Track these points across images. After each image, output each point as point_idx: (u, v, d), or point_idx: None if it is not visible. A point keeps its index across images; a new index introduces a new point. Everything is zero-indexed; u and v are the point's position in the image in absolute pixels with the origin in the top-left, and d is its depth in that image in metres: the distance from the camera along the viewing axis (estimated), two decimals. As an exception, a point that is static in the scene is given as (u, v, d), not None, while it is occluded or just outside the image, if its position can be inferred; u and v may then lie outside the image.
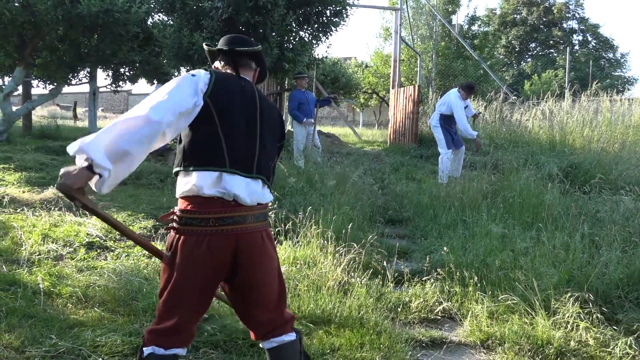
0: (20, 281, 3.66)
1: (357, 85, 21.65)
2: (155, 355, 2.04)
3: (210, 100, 2.01)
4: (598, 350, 3.02)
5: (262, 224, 2.12)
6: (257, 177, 2.09)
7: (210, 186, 1.99)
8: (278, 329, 2.19)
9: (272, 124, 2.22)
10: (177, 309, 2.05)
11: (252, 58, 2.28)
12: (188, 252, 2.00)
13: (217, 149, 2.01)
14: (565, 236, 4.16)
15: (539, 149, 9.33)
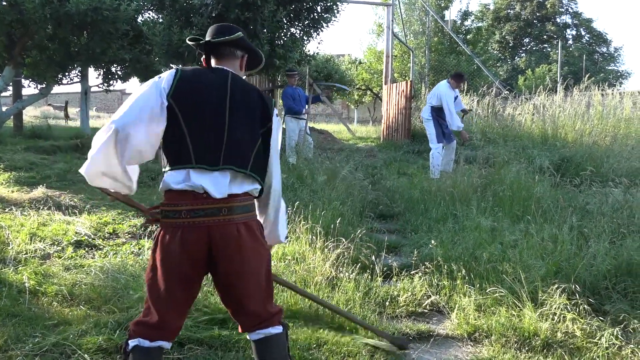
0: (5, 280, 3.64)
1: (351, 81, 21.60)
2: (140, 347, 2.05)
3: (173, 100, 2.03)
4: (585, 341, 3.01)
5: (239, 217, 2.07)
6: (225, 169, 2.05)
7: (178, 182, 2.02)
8: (265, 321, 2.17)
9: (250, 111, 2.15)
10: (159, 302, 2.06)
11: (235, 46, 2.25)
12: (165, 245, 2.02)
13: (183, 147, 2.03)
14: (553, 228, 4.15)
15: (531, 143, 9.34)
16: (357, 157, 9.12)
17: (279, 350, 2.20)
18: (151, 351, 2.06)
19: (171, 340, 2.13)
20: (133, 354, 2.05)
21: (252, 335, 2.19)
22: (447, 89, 7.95)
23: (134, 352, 2.05)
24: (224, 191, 2.04)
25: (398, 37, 15.36)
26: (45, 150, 9.43)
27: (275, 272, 3.80)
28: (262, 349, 2.19)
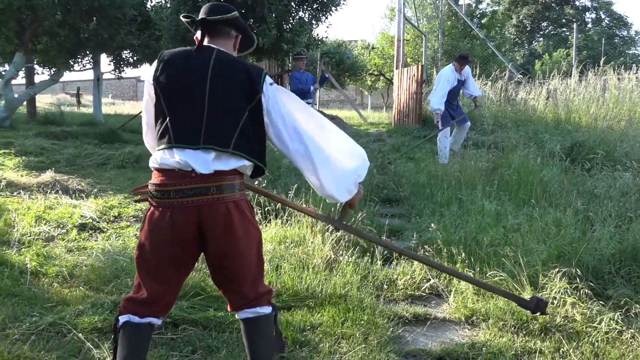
0: (8, 261, 3.68)
1: (363, 67, 21.40)
2: (130, 323, 2.07)
3: (156, 82, 2.06)
4: (585, 325, 2.96)
5: (229, 195, 2.04)
6: (206, 148, 2.01)
7: (166, 160, 2.01)
8: (253, 301, 2.17)
9: (232, 88, 2.09)
10: (148, 279, 2.06)
11: (230, 26, 2.22)
12: (154, 224, 2.02)
13: (165, 127, 2.04)
14: (558, 212, 4.08)
15: (544, 128, 9.18)
16: (366, 142, 9.05)
17: (267, 330, 2.21)
18: (141, 327, 2.07)
19: (161, 316, 2.14)
20: (123, 330, 2.06)
21: (240, 314, 2.19)
22: (448, 71, 7.80)
23: (124, 327, 2.06)
24: (209, 167, 2.01)
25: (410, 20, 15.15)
26: (56, 135, 9.51)
27: (273, 255, 3.82)
28: (250, 329, 2.19)
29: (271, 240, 4.07)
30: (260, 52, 9.78)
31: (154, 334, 2.74)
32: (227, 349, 2.69)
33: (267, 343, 2.20)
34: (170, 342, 2.75)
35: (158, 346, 2.71)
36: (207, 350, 2.71)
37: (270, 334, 2.23)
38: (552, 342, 2.84)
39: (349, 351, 2.71)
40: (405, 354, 2.76)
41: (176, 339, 2.80)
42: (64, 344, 2.64)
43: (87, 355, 2.55)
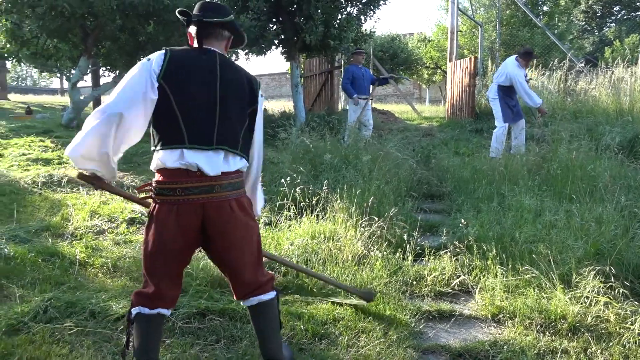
0: (60, 253, 3.97)
1: (418, 60, 21.05)
2: (141, 314, 2.20)
3: (165, 81, 2.08)
4: (618, 326, 2.83)
5: (231, 193, 2.17)
6: (218, 149, 2.14)
7: (173, 160, 2.09)
8: (257, 289, 2.31)
9: (238, 92, 2.22)
10: (156, 273, 2.19)
11: (225, 28, 2.29)
12: (160, 221, 2.13)
13: (176, 127, 2.09)
14: (601, 208, 3.89)
15: (605, 119, 8.70)
16: (414, 137, 8.95)
17: (273, 313, 2.36)
18: (152, 317, 2.20)
19: (170, 307, 2.27)
20: (136, 321, 2.20)
21: (246, 302, 2.34)
22: (515, 68, 7.51)
23: (137, 319, 2.20)
24: (217, 169, 2.13)
25: (464, 11, 14.76)
26: (117, 135, 10.03)
27: (304, 250, 3.89)
28: (257, 314, 2.34)
29: (303, 235, 4.15)
30: (309, 49, 9.88)
31: (182, 323, 2.92)
32: (249, 339, 2.79)
33: (274, 325, 2.36)
34: (197, 331, 2.88)
35: (185, 334, 2.85)
36: (231, 339, 2.82)
37: (276, 316, 2.38)
38: (580, 342, 2.74)
39: (366, 345, 2.74)
40: (424, 350, 2.75)
41: (202, 328, 2.93)
42: (99, 330, 2.83)
43: (118, 342, 2.73)
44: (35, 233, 4.46)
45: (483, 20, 16.80)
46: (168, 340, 2.76)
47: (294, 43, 9.70)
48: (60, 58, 11.94)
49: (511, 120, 7.62)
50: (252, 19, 8.71)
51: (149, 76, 2.07)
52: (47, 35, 9.68)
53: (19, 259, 3.74)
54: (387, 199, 4.94)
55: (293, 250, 3.88)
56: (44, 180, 6.30)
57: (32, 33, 10.22)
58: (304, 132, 7.52)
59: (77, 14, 8.52)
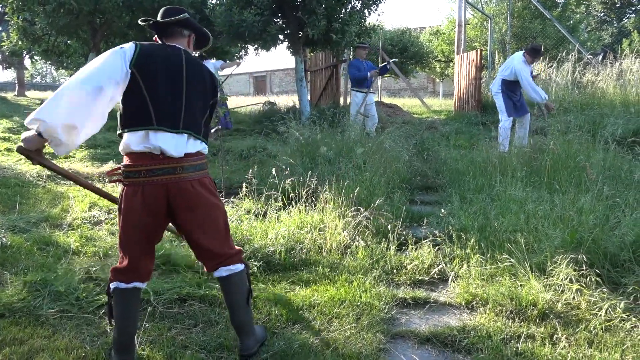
0: (55, 242, 4.12)
1: (429, 53, 20.92)
2: (118, 289, 2.41)
3: (136, 68, 2.25)
4: (587, 312, 2.87)
5: (193, 174, 2.35)
6: (183, 132, 2.31)
7: (137, 143, 2.26)
8: (226, 260, 2.48)
9: (200, 85, 2.42)
10: (128, 249, 2.39)
11: (182, 26, 2.51)
12: (128, 201, 2.32)
13: (144, 110, 2.26)
14: (583, 198, 3.91)
15: (610, 111, 8.62)
16: (417, 130, 8.97)
17: (242, 285, 2.52)
18: (128, 291, 2.40)
19: (145, 280, 2.46)
20: (114, 294, 2.41)
21: (216, 273, 2.51)
22: (521, 64, 7.45)
23: (114, 293, 2.41)
24: (181, 151, 2.31)
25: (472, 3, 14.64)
26: (126, 129, 10.24)
27: (290, 239, 3.98)
28: (227, 285, 2.51)
29: (291, 225, 4.23)
30: (313, 44, 9.94)
31: (162, 308, 3.03)
32: (224, 323, 2.89)
33: (242, 296, 2.51)
34: (176, 316, 3.00)
35: (165, 319, 2.96)
36: (208, 324, 2.93)
37: (244, 288, 2.54)
38: (548, 328, 2.78)
39: (337, 330, 2.81)
40: (393, 335, 2.82)
41: (182, 313, 3.04)
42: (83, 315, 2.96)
43: (99, 325, 2.85)
44: (34, 223, 4.62)
45: (494, 13, 16.65)
46: (147, 324, 2.87)
47: (298, 38, 9.76)
48: (71, 55, 12.18)
49: (515, 114, 7.58)
50: (255, 14, 8.79)
51: (124, 62, 2.23)
52: (56, 32, 9.90)
53: (15, 248, 3.90)
54: (379, 190, 5.01)
55: (278, 239, 3.97)
56: (49, 173, 6.49)
57: (42, 30, 10.46)
58: (304, 125, 7.61)
59: (84, 10, 8.70)
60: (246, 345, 2.51)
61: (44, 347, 2.58)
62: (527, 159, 5.42)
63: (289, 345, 2.61)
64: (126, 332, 2.39)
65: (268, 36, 9.13)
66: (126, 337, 2.39)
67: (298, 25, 9.44)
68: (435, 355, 2.64)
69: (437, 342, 2.74)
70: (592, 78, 10.23)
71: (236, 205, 4.78)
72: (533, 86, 7.31)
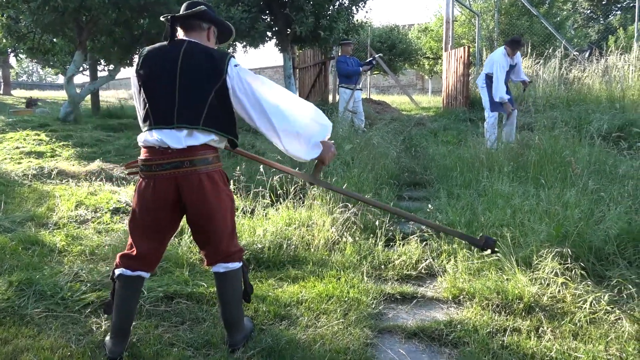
0: (41, 241, 4.08)
1: (417, 50, 20.98)
2: (123, 275, 2.50)
3: (137, 73, 2.43)
4: (573, 306, 2.90)
5: (202, 168, 2.39)
6: (179, 127, 2.35)
7: (147, 140, 2.39)
8: (227, 257, 2.54)
9: (198, 72, 2.38)
10: (138, 239, 2.48)
11: (200, 19, 2.52)
12: (141, 192, 2.43)
13: (147, 112, 2.40)
14: (569, 192, 3.94)
15: (596, 107, 8.71)
16: (404, 127, 8.99)
17: (236, 282, 2.58)
18: (132, 279, 2.50)
19: (150, 270, 2.56)
20: (118, 280, 2.51)
21: (214, 268, 2.56)
22: (501, 56, 7.51)
23: (119, 278, 2.51)
24: (182, 142, 2.36)
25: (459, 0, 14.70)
26: (113, 128, 10.17)
27: (277, 236, 3.97)
28: (222, 281, 2.56)
29: (279, 222, 4.23)
30: (301, 41, 9.93)
31: (149, 306, 3.02)
32: (211, 320, 2.88)
33: (235, 293, 2.57)
34: (163, 314, 2.98)
35: (152, 317, 2.95)
36: (195, 321, 2.91)
37: (239, 286, 2.60)
38: (533, 321, 2.81)
39: (324, 325, 2.82)
40: (380, 330, 2.83)
41: (169, 310, 3.02)
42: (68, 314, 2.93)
43: (85, 325, 2.82)
44: (19, 223, 4.58)
45: (482, 10, 16.73)
46: (135, 322, 2.85)
47: (286, 35, 9.75)
48: (57, 53, 12.06)
49: (500, 109, 7.63)
50: (242, 11, 8.76)
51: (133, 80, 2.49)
52: (41, 29, 9.79)
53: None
54: (367, 187, 5.02)
55: (266, 236, 3.96)
56: (35, 172, 6.43)
57: (27, 28, 10.34)
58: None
59: (69, 8, 8.61)
60: (234, 340, 2.57)
61: (28, 347, 2.56)
62: (514, 155, 5.45)
63: (276, 341, 2.61)
64: (125, 318, 2.49)
65: (256, 33, 9.11)
66: (124, 323, 2.49)
67: (286, 22, 9.43)
68: (422, 350, 2.66)
69: (424, 337, 2.75)
70: (579, 74, 10.33)
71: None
72: (499, 81, 7.31)
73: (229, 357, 2.50)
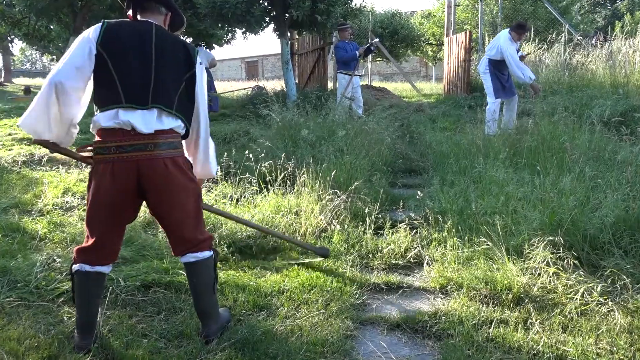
0: (23, 228, 3.99)
1: (420, 37, 20.67)
2: (81, 272, 2.34)
3: (102, 47, 2.21)
4: (564, 297, 2.78)
5: (166, 152, 2.27)
6: (153, 107, 2.23)
7: (107, 119, 2.20)
8: (195, 246, 2.42)
9: (173, 55, 2.33)
10: (95, 228, 2.32)
11: (159, 2, 2.45)
12: (97, 178, 2.26)
13: (114, 89, 2.21)
14: (564, 179, 3.81)
15: (599, 93, 8.51)
16: (403, 113, 8.84)
17: (208, 272, 2.46)
18: (91, 275, 2.34)
19: (109, 262, 2.39)
20: (77, 277, 2.35)
21: (183, 259, 2.44)
22: (507, 42, 7.30)
23: (77, 275, 2.35)
24: (151, 127, 2.23)
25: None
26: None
27: (267, 223, 3.87)
28: (192, 271, 2.45)
29: (267, 209, 4.12)
30: (299, 26, 9.74)
31: (125, 295, 2.92)
32: (188, 310, 2.79)
33: (207, 282, 2.46)
34: (139, 303, 2.88)
35: (127, 306, 2.85)
36: (171, 311, 2.82)
37: (211, 275, 2.48)
38: (522, 312, 2.70)
39: (304, 316, 2.71)
40: (363, 321, 2.73)
41: (146, 300, 2.92)
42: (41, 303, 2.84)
43: (57, 314, 2.73)
44: (3, 210, 4.48)
45: (485, -6, 16.39)
46: (108, 312, 2.76)
47: (284, 20, 9.56)
48: (53, 39, 11.93)
49: (503, 95, 7.44)
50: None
51: (88, 44, 2.21)
52: (35, 15, 9.65)
53: (-21, 235, 3.76)
54: (360, 174, 4.89)
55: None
56: (25, 159, 6.33)
57: (22, 13, 10.20)
58: (288, 109, 7.46)
59: (62, -8, 8.48)
60: (209, 331, 2.47)
61: (-5, 337, 2.47)
62: (512, 141, 5.31)
63: (252, 332, 2.51)
64: (88, 314, 2.37)
65: (252, 18, 8.94)
66: (88, 319, 2.37)
67: (283, 6, 9.24)
68: (404, 342, 2.55)
69: (407, 328, 2.65)
70: (582, 60, 10.10)
71: (211, 188, 4.65)
72: (519, 64, 7.15)
73: (202, 348, 2.40)
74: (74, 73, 2.20)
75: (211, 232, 3.67)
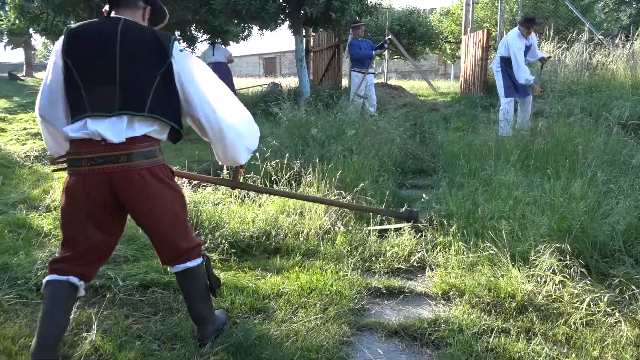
0: (28, 224, 4.01)
1: (438, 35, 20.44)
2: (52, 281, 2.19)
3: (66, 56, 2.13)
4: (569, 306, 2.69)
5: (141, 162, 2.14)
6: (121, 114, 2.10)
7: (76, 130, 2.10)
8: (182, 256, 2.33)
9: (142, 53, 2.16)
10: (69, 242, 2.22)
11: None
12: (70, 191, 2.15)
13: (80, 98, 2.12)
14: (575, 183, 3.69)
15: (619, 94, 8.29)
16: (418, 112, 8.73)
17: (199, 278, 2.39)
18: (60, 284, 2.18)
19: (85, 277, 2.24)
20: (47, 286, 2.20)
21: (171, 268, 2.37)
22: (515, 37, 7.16)
23: (47, 284, 2.20)
24: (121, 135, 2.10)
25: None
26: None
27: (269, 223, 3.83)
28: (183, 281, 2.38)
29: (272, 209, 4.08)
30: (313, 23, 9.69)
31: (123, 295, 2.91)
32: (184, 311, 2.75)
33: (199, 289, 2.40)
34: (137, 303, 2.87)
35: (124, 306, 2.84)
36: (168, 312, 2.80)
37: (202, 281, 2.41)
38: (525, 322, 2.61)
39: (301, 320, 2.67)
40: (360, 327, 2.67)
41: (143, 300, 2.91)
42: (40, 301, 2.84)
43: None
44: (12, 205, 4.52)
45: (505, -8, 16.13)
46: (105, 312, 2.75)
47: (298, 17, 9.52)
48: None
49: (515, 94, 7.29)
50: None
51: (55, 60, 2.17)
52: (52, 10, 9.73)
53: (-15, 230, 3.79)
54: (368, 174, 4.82)
55: (256, 223, 3.82)
56: (37, 154, 6.40)
57: (40, 9, 10.31)
58: (300, 107, 7.42)
59: (79, -11, 8.54)
60: (205, 333, 2.43)
61: (-10, 335, 2.47)
62: (524, 143, 5.19)
63: (246, 336, 2.47)
64: (50, 332, 2.08)
65: (266, 15, 8.90)
66: (49, 336, 2.08)
67: (297, 3, 9.19)
68: (401, 349, 2.49)
69: (406, 335, 2.59)
70: (603, 59, 9.86)
71: (215, 188, 4.62)
72: (520, 63, 6.96)
73: (194, 352, 2.37)
74: (47, 102, 2.23)
75: (212, 232, 3.66)
